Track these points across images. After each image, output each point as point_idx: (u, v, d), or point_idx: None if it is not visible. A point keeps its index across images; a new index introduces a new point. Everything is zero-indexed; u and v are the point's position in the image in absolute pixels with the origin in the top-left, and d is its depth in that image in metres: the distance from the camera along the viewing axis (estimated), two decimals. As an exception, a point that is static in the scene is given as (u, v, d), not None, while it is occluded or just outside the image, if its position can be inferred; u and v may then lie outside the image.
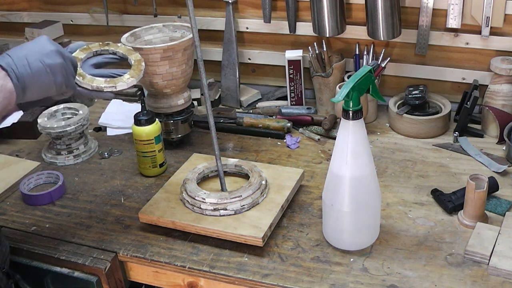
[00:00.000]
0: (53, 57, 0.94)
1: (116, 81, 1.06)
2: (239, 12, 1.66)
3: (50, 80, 0.94)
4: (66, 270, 1.12)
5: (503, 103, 1.38)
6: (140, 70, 1.11)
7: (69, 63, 0.98)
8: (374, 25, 1.44)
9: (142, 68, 1.12)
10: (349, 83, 0.95)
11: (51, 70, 0.93)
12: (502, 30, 1.41)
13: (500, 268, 0.96)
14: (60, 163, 1.43)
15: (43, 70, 0.92)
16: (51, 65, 0.93)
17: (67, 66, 0.97)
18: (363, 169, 1.01)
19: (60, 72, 0.95)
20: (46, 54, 0.94)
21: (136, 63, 1.12)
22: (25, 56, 0.92)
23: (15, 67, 0.90)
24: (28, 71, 0.91)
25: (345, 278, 1.00)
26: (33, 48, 0.94)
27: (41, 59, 0.92)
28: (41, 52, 0.93)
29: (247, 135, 1.51)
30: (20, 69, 0.90)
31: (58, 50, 0.96)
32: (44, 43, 0.95)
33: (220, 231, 1.08)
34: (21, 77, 0.90)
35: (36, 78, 0.92)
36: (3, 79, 0.89)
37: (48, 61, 0.93)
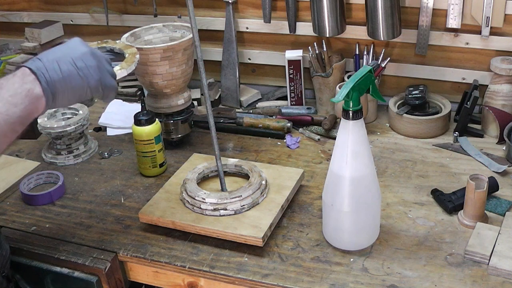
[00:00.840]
0: (86, 59, 0.90)
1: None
2: (239, 12, 1.66)
3: (83, 84, 0.89)
4: (66, 270, 1.12)
5: (503, 103, 1.38)
6: (132, 62, 1.10)
7: (104, 63, 0.93)
8: (374, 25, 1.44)
9: (135, 60, 1.11)
10: (349, 83, 0.95)
11: (84, 73, 0.89)
12: (502, 30, 1.41)
13: (500, 268, 0.96)
14: (60, 163, 1.43)
15: (75, 74, 0.88)
16: (83, 68, 0.89)
17: (102, 67, 0.92)
18: (363, 169, 1.01)
19: (94, 75, 0.90)
20: (79, 56, 0.89)
21: (130, 56, 1.12)
22: (56, 59, 0.88)
23: (45, 71, 0.86)
24: (60, 76, 0.86)
25: (345, 278, 1.00)
26: (65, 50, 0.90)
27: (73, 62, 0.88)
28: (73, 55, 0.89)
29: (247, 135, 1.51)
30: (50, 73, 0.86)
31: (91, 52, 0.91)
32: (76, 45, 0.91)
33: (220, 231, 1.08)
34: (52, 82, 0.86)
35: (67, 82, 0.87)
36: (32, 83, 0.85)
37: (81, 64, 0.89)
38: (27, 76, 0.86)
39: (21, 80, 0.85)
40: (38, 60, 0.88)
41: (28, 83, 0.85)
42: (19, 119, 0.85)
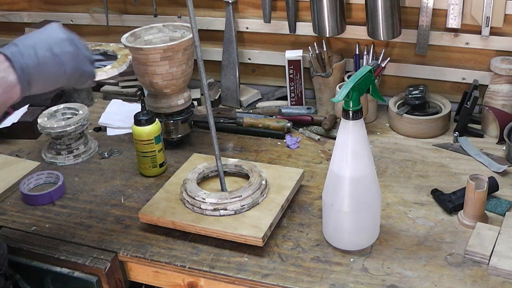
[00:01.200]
0: (63, 45, 0.86)
1: (96, 70, 1.01)
2: (239, 12, 1.66)
3: (59, 71, 0.86)
4: (66, 270, 1.12)
5: (503, 103, 1.38)
6: (124, 62, 1.10)
7: (82, 50, 0.90)
8: (374, 25, 1.44)
9: (127, 60, 1.11)
10: (349, 83, 0.95)
11: (61, 59, 0.86)
12: (502, 30, 1.41)
13: (500, 268, 0.96)
14: (60, 163, 1.43)
15: (52, 60, 0.85)
16: (60, 54, 0.86)
17: (80, 54, 0.89)
18: (363, 169, 1.01)
19: (71, 62, 0.87)
20: (56, 42, 0.86)
21: (122, 56, 1.12)
22: (33, 45, 0.84)
23: (20, 57, 0.83)
24: (35, 61, 0.83)
25: (345, 278, 1.00)
26: (42, 36, 0.86)
27: (50, 48, 0.85)
28: (51, 41, 0.86)
29: (247, 135, 1.51)
30: (26, 59, 0.83)
31: (69, 38, 0.88)
32: (54, 30, 0.88)
33: (220, 231, 1.08)
34: (27, 68, 0.83)
35: (43, 68, 0.84)
36: (5, 70, 0.81)
37: (58, 50, 0.85)
38: (1, 63, 0.82)
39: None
40: (13, 46, 0.84)
41: (2, 71, 0.81)
42: None
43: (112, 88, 1.78)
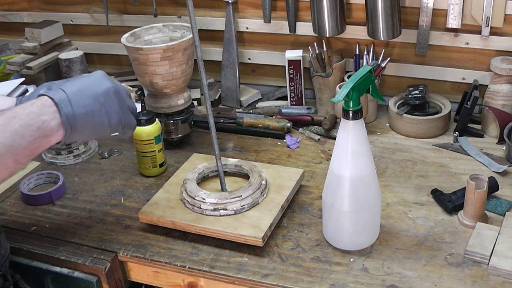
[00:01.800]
0: (109, 96, 0.86)
1: None
2: (239, 12, 1.66)
3: (104, 121, 0.86)
4: (66, 270, 1.12)
5: (503, 103, 1.38)
6: None
7: (126, 100, 0.89)
8: (374, 25, 1.44)
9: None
10: (349, 83, 0.95)
11: (107, 110, 0.85)
12: (502, 30, 1.41)
13: (500, 268, 0.96)
14: (60, 163, 1.43)
15: (98, 111, 0.84)
16: (106, 105, 0.85)
17: (124, 105, 0.89)
18: (363, 169, 1.01)
19: (116, 113, 0.87)
20: (102, 92, 0.85)
21: None
22: (80, 92, 0.83)
23: (67, 103, 0.82)
24: (82, 111, 0.82)
25: (345, 278, 1.00)
26: (88, 84, 0.86)
27: (97, 98, 0.84)
28: (97, 90, 0.85)
29: (247, 135, 1.51)
30: (73, 107, 0.81)
31: (115, 88, 0.88)
32: (100, 79, 0.87)
33: (220, 231, 1.08)
34: (73, 116, 0.82)
35: (90, 118, 0.83)
36: (50, 115, 0.81)
37: (104, 100, 0.85)
38: (48, 107, 0.82)
39: (39, 111, 0.81)
40: (61, 91, 0.83)
41: (46, 115, 0.81)
42: (24, 151, 0.81)
43: (112, 88, 1.77)
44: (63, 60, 1.69)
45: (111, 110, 0.87)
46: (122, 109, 0.89)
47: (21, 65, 1.72)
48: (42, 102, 0.82)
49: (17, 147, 0.79)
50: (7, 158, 0.79)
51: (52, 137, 0.82)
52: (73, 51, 1.76)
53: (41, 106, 0.82)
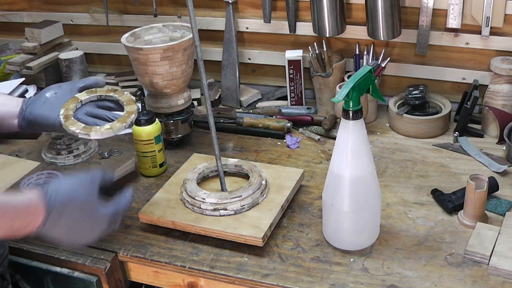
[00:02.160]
0: (101, 222, 0.91)
1: (92, 129, 1.03)
2: (239, 12, 1.66)
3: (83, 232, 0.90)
4: (66, 270, 1.12)
5: (503, 103, 1.38)
6: (124, 122, 1.06)
7: (115, 224, 0.94)
8: (374, 25, 1.44)
9: (128, 121, 1.06)
10: (349, 83, 0.95)
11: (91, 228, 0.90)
12: (502, 30, 1.41)
13: (500, 268, 0.96)
14: (60, 163, 1.43)
15: (82, 226, 0.89)
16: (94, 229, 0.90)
17: (113, 225, 0.93)
18: (363, 169, 1.01)
19: (98, 232, 0.91)
20: (96, 218, 0.90)
21: (126, 114, 1.08)
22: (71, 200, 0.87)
23: (57, 217, 0.85)
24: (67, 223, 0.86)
25: (345, 278, 1.00)
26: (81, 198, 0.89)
27: (85, 216, 0.88)
28: (89, 209, 0.89)
29: (247, 135, 1.51)
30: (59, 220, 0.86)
31: (110, 213, 0.92)
32: (94, 202, 0.91)
33: (220, 231, 1.08)
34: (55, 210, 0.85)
35: (70, 221, 0.87)
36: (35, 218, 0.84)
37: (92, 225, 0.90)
38: (39, 198, 0.85)
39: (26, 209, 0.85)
40: (54, 203, 0.86)
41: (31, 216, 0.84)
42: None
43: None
44: (63, 60, 1.69)
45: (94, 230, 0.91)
46: (106, 230, 0.92)
47: (21, 65, 1.72)
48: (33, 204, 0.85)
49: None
50: None
51: (34, 221, 0.84)
52: (73, 51, 1.76)
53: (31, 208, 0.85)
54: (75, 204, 0.88)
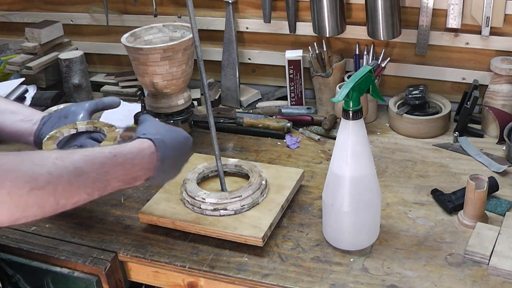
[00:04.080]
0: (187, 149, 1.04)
1: None
2: (239, 12, 1.66)
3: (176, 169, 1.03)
4: (66, 270, 1.12)
5: (503, 103, 1.38)
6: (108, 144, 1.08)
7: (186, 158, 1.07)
8: (374, 25, 1.44)
9: (114, 143, 1.09)
10: (349, 83, 0.95)
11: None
12: (502, 30, 1.41)
13: (500, 268, 0.96)
14: (60, 163, 1.42)
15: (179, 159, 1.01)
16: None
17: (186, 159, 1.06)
18: (363, 169, 1.01)
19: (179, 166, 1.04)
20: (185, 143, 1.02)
21: (109, 138, 1.10)
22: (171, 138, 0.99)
23: (164, 145, 0.95)
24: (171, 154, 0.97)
25: (345, 278, 1.00)
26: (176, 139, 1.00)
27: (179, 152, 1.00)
28: (181, 147, 1.01)
29: (247, 135, 1.51)
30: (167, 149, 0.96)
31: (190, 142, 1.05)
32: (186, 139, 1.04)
33: (220, 231, 1.08)
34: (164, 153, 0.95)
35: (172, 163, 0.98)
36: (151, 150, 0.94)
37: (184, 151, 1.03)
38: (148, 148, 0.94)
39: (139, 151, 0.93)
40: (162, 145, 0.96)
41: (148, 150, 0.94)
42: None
43: (112, 88, 1.78)
44: (63, 60, 1.69)
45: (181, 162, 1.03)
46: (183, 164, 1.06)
47: (21, 65, 1.72)
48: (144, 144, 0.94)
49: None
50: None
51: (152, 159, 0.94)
52: (73, 51, 1.76)
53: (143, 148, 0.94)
54: (177, 141, 0.99)
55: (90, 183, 0.83)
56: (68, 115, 1.14)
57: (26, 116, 1.13)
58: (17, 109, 1.15)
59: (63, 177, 0.78)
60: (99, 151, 0.86)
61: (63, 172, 0.78)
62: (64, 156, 0.81)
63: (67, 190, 0.79)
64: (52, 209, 0.79)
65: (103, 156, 0.85)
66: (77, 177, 0.80)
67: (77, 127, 1.12)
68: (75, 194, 0.81)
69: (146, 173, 0.93)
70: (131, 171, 0.89)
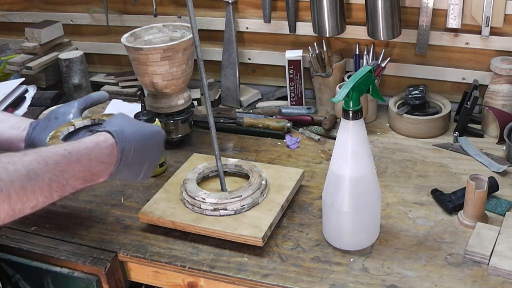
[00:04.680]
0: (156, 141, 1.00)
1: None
2: (239, 12, 1.66)
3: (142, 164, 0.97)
4: (66, 270, 1.12)
5: (503, 103, 1.38)
6: None
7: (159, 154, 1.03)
8: (374, 25, 1.44)
9: None
10: (349, 83, 0.95)
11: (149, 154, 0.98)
12: (502, 30, 1.41)
13: (500, 268, 0.96)
14: (60, 163, 1.42)
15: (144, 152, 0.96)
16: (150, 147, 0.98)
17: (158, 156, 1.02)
18: (363, 169, 1.01)
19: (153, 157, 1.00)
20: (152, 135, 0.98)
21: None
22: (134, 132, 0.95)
23: (124, 139, 0.92)
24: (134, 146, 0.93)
25: (345, 278, 1.00)
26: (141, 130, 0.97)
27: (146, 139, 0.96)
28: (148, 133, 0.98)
29: (247, 135, 1.51)
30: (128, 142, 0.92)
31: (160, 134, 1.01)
32: (154, 130, 1.00)
33: (220, 231, 1.08)
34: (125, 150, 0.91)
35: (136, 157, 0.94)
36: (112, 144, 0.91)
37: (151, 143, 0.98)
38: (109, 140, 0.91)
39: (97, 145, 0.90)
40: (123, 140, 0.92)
41: (108, 143, 0.90)
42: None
43: (112, 88, 1.78)
44: (63, 60, 1.69)
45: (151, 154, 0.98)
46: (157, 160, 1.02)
47: (21, 65, 1.72)
48: (103, 137, 0.91)
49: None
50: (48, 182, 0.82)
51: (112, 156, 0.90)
52: (73, 51, 1.76)
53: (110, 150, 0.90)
54: (137, 127, 0.94)
55: (46, 185, 0.79)
56: (58, 116, 1.14)
57: (14, 124, 1.12)
58: (4, 118, 1.14)
59: (14, 182, 0.75)
60: (53, 150, 0.83)
61: (14, 177, 0.75)
62: (16, 160, 0.77)
63: (22, 195, 0.76)
64: (9, 216, 0.76)
65: (58, 155, 0.82)
66: (30, 180, 0.77)
67: (74, 123, 1.12)
68: (31, 198, 0.78)
69: (107, 167, 0.89)
70: (89, 166, 0.86)
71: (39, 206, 0.79)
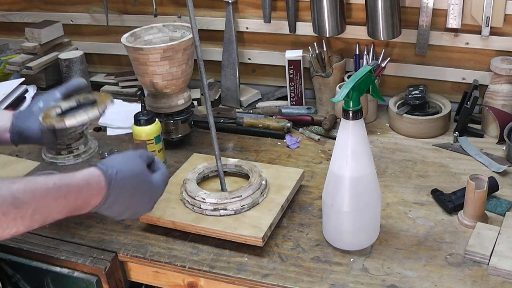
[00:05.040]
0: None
1: (66, 117, 1.04)
2: (239, 12, 1.66)
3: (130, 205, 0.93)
4: (66, 270, 1.12)
5: (503, 103, 1.38)
6: (97, 107, 1.07)
7: (156, 195, 0.98)
8: (374, 25, 1.44)
9: (102, 107, 1.07)
10: (349, 83, 0.95)
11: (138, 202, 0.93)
12: (502, 30, 1.41)
13: (500, 268, 0.96)
14: (60, 163, 1.43)
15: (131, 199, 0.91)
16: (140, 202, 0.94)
17: (153, 197, 0.97)
18: (363, 169, 1.01)
19: (145, 204, 0.96)
20: (145, 189, 0.93)
21: (100, 102, 1.09)
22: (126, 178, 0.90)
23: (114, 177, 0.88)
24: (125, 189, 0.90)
25: (345, 278, 1.00)
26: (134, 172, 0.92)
27: (136, 190, 0.91)
28: (140, 184, 0.93)
29: (247, 135, 1.51)
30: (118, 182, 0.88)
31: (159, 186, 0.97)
32: (145, 174, 0.95)
33: (220, 231, 1.08)
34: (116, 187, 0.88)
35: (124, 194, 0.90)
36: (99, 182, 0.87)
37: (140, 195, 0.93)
38: (99, 177, 0.87)
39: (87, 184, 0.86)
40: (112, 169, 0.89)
41: (96, 178, 0.86)
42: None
43: (112, 88, 1.78)
44: (63, 60, 1.69)
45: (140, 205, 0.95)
46: (149, 203, 0.97)
47: (21, 65, 1.72)
48: (97, 182, 0.87)
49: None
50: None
51: (95, 197, 0.86)
52: (73, 51, 1.76)
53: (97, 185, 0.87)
54: (134, 176, 0.91)
55: (29, 216, 0.77)
56: (41, 104, 1.12)
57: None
58: None
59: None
60: (43, 181, 0.81)
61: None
62: (3, 186, 0.76)
63: (2, 222, 0.74)
64: None
65: (46, 188, 0.80)
66: (14, 209, 0.75)
67: (60, 105, 1.10)
68: (11, 226, 0.76)
69: (91, 205, 0.87)
70: (75, 203, 0.83)
71: (18, 234, 0.78)
